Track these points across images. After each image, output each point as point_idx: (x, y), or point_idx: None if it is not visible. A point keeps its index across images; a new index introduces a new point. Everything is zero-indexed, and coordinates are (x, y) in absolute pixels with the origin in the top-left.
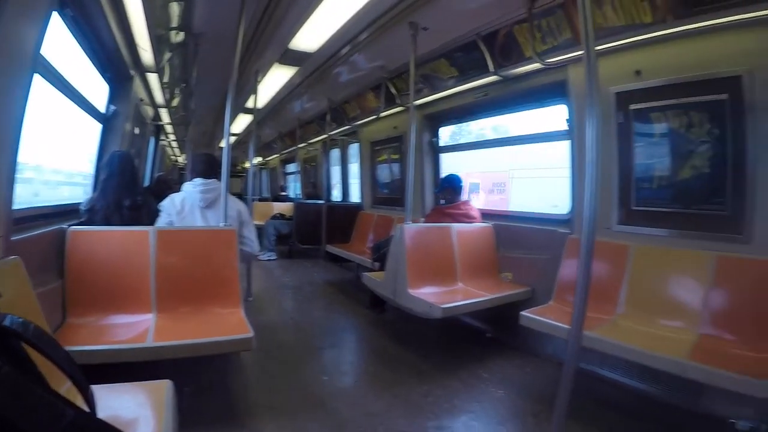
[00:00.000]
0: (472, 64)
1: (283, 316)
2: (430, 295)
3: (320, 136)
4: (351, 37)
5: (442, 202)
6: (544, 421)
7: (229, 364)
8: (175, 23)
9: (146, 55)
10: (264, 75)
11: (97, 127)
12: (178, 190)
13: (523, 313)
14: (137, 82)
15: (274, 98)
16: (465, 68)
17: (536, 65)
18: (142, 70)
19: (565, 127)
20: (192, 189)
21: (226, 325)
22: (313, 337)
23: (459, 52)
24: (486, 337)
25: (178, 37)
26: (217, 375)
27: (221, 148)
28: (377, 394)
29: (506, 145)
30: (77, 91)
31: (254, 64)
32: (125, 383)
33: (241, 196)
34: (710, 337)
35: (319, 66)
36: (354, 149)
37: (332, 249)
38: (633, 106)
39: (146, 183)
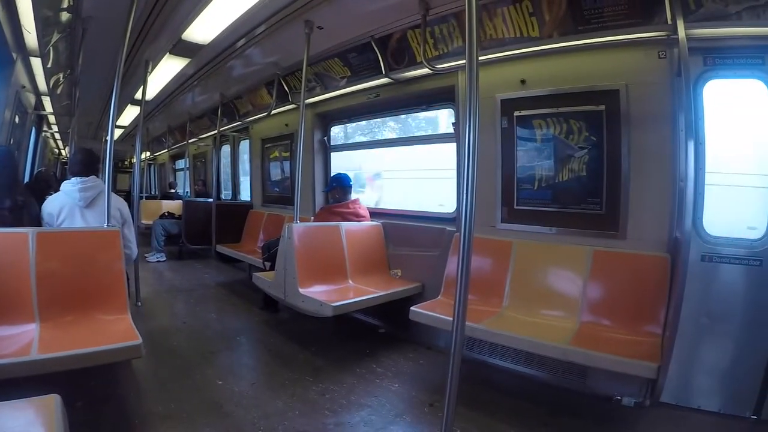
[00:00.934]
0: (365, 65)
1: (175, 320)
2: (320, 294)
3: (211, 131)
4: (246, 31)
5: (331, 201)
6: (440, 410)
7: (121, 372)
8: (63, 4)
9: (30, 37)
10: (155, 65)
11: None
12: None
13: (412, 308)
14: (19, 67)
15: (164, 90)
16: (358, 69)
17: (427, 70)
18: (25, 53)
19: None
20: (71, 188)
21: (114, 332)
22: (207, 341)
23: (353, 52)
24: (379, 333)
25: (65, 19)
26: (108, 385)
27: (107, 141)
28: (275, 395)
29: (398, 146)
30: None
31: (145, 53)
32: (11, 401)
33: (128, 194)
34: (590, 324)
35: (213, 59)
36: (245, 146)
37: (223, 249)
38: (517, 113)
39: (25, 179)
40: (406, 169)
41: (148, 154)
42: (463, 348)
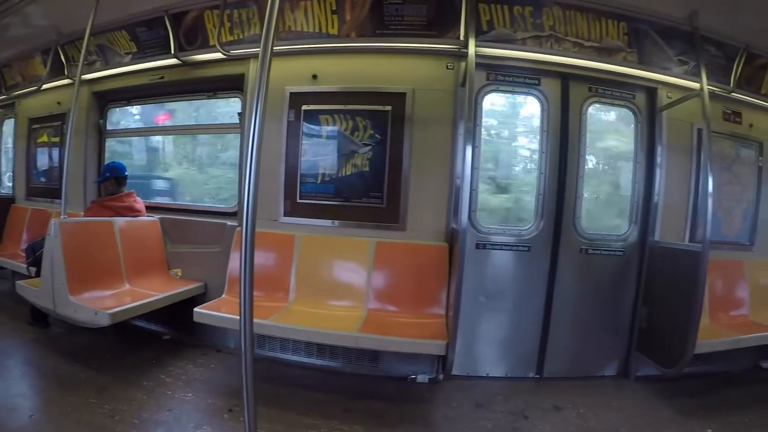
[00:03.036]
0: (153, 41)
1: None
2: (94, 301)
3: None
4: None
5: (104, 194)
6: (240, 413)
7: None
8: None
9: None
10: None
11: None
12: None
13: (196, 309)
14: None
15: None
16: (145, 45)
17: (219, 54)
18: None
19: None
20: None
21: None
22: None
23: (143, 26)
24: (164, 340)
25: None
26: None
27: None
28: (58, 426)
29: (180, 134)
30: None
31: None
32: None
33: None
34: (378, 311)
35: None
36: (10, 126)
37: None
38: (305, 107)
39: None
40: None
41: None
42: (254, 346)
